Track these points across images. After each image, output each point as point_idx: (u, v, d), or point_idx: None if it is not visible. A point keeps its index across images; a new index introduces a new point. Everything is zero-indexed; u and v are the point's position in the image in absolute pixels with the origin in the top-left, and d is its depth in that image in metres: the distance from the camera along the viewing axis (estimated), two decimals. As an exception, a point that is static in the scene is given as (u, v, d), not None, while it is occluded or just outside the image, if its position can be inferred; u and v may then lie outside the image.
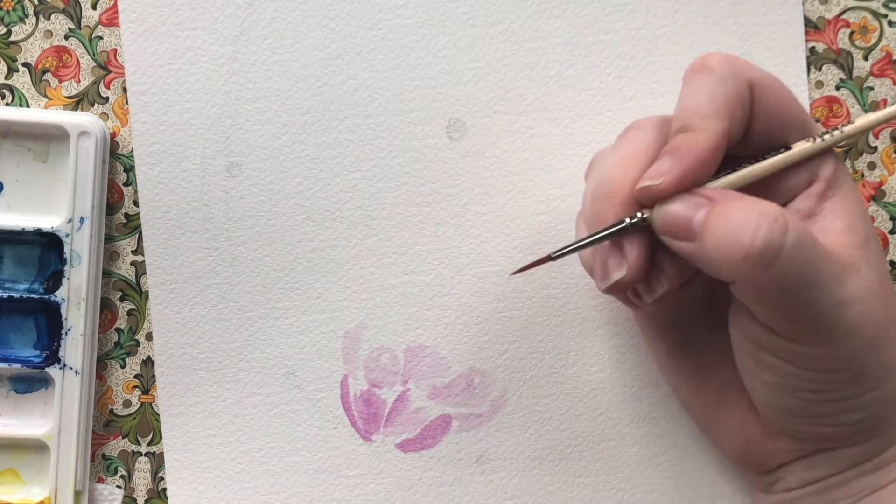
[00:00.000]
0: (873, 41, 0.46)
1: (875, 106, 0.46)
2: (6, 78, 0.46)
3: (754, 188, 0.36)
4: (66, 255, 0.45)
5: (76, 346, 0.45)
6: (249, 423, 0.46)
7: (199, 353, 0.46)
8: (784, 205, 0.37)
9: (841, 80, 0.46)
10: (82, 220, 0.45)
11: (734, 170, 0.37)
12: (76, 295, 0.45)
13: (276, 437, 0.46)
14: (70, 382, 0.45)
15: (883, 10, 0.46)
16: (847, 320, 0.35)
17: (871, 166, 0.46)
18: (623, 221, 0.36)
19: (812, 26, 0.46)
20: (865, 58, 0.46)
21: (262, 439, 0.46)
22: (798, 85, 0.46)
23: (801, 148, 0.37)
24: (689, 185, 0.35)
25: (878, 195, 0.46)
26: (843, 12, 0.46)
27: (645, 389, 0.46)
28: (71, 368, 0.45)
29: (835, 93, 0.46)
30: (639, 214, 0.36)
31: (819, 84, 0.46)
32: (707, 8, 0.46)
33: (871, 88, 0.46)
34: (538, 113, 0.46)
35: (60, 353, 0.45)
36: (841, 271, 0.35)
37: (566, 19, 0.46)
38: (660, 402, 0.46)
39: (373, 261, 0.46)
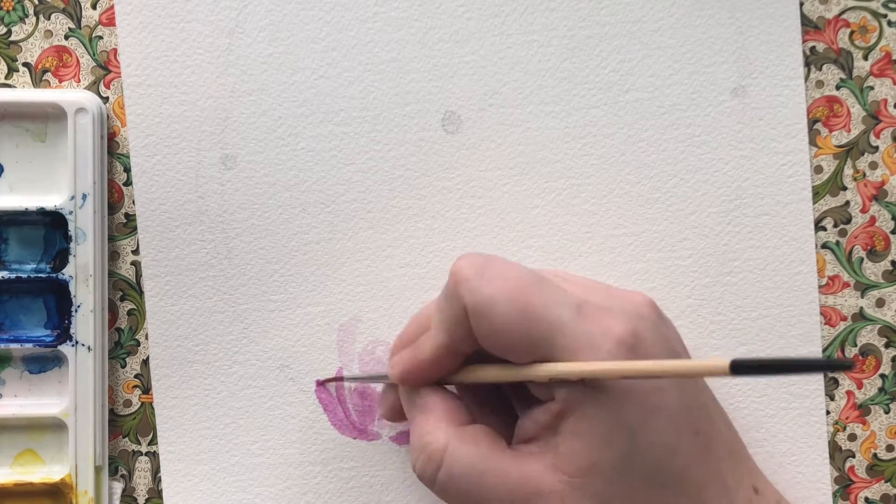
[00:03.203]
0: (873, 41, 0.46)
1: (875, 106, 0.46)
2: (6, 78, 0.46)
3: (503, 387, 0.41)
4: (71, 233, 0.45)
5: (87, 322, 0.45)
6: (244, 415, 0.46)
7: (194, 346, 0.46)
8: (532, 407, 0.38)
9: (841, 79, 0.46)
10: (84, 196, 0.45)
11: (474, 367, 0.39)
12: (84, 272, 0.45)
13: (270, 429, 0.46)
14: (83, 359, 0.45)
15: (882, 10, 0.46)
16: None
17: (873, 166, 0.46)
18: (386, 376, 0.42)
19: (812, 26, 0.46)
20: (865, 57, 0.46)
21: (257, 432, 0.46)
22: (794, 80, 0.46)
23: (509, 373, 0.38)
24: (411, 381, 0.40)
25: (879, 195, 0.46)
26: (842, 12, 0.46)
27: (640, 383, 0.46)
28: (83, 345, 0.45)
29: (835, 92, 0.46)
30: None
31: (819, 84, 0.46)
32: (703, 2, 0.45)
33: (872, 88, 0.46)
34: (534, 106, 0.46)
35: (72, 331, 0.45)
36: (515, 488, 0.37)
37: (562, 12, 0.46)
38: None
39: (368, 254, 0.46)
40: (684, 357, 0.39)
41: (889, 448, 0.46)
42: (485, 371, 0.39)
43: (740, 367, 0.31)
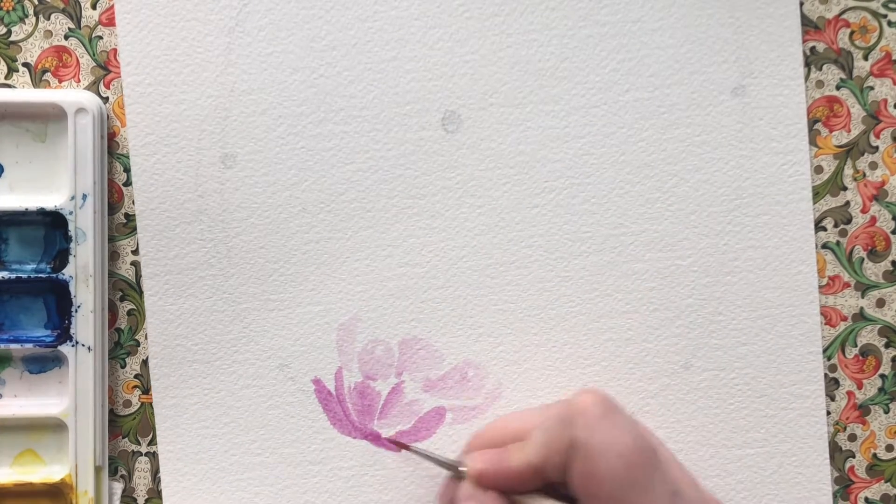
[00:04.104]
0: (873, 41, 0.46)
1: (875, 106, 0.46)
2: (6, 78, 0.47)
3: None
4: (71, 233, 0.45)
5: (87, 322, 0.45)
6: (243, 414, 0.46)
7: (194, 345, 0.46)
8: None
9: (841, 79, 0.46)
10: (85, 196, 0.45)
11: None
12: (84, 272, 0.45)
13: (270, 428, 0.46)
14: (83, 359, 0.45)
15: (882, 11, 0.46)
16: None
17: (873, 166, 0.46)
18: (459, 465, 0.41)
19: (812, 26, 0.46)
20: (865, 57, 0.46)
21: (256, 431, 0.46)
22: (794, 79, 0.46)
23: None
24: (487, 484, 0.40)
25: (879, 195, 0.46)
26: (843, 12, 0.46)
27: (638, 383, 0.46)
28: (83, 345, 0.45)
29: (835, 92, 0.46)
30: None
31: (819, 84, 0.46)
32: (703, 2, 0.46)
33: (872, 88, 0.46)
34: (533, 105, 0.46)
35: (72, 331, 0.45)
36: None
37: (562, 12, 0.46)
38: (653, 396, 0.46)
39: (368, 253, 0.46)
40: None
41: (889, 448, 0.46)
42: None
43: None
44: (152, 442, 0.47)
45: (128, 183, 0.46)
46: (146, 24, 0.46)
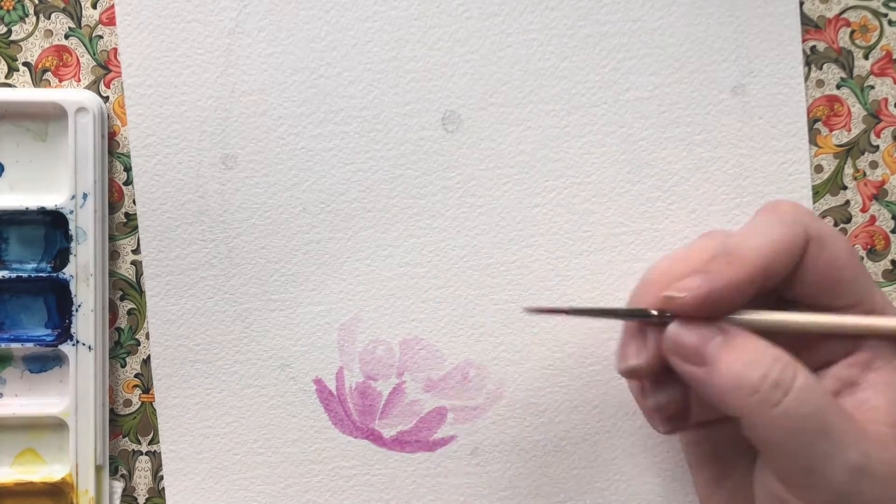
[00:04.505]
0: (874, 40, 0.46)
1: (876, 105, 0.46)
2: (6, 77, 0.46)
3: (787, 340, 0.36)
4: (72, 232, 0.45)
5: (87, 321, 0.45)
6: (245, 414, 0.46)
7: (195, 345, 0.46)
8: (821, 366, 0.36)
9: (842, 79, 0.46)
10: (85, 196, 0.45)
11: (772, 312, 0.36)
12: (84, 271, 0.45)
13: (271, 428, 0.46)
14: (84, 358, 0.45)
15: (883, 10, 0.46)
16: (858, 490, 0.33)
17: (873, 165, 0.46)
18: (646, 310, 0.36)
19: (812, 25, 0.46)
20: (866, 57, 0.46)
21: (258, 431, 0.46)
22: (794, 78, 0.46)
23: (838, 320, 0.36)
24: (710, 308, 0.35)
25: (879, 194, 0.46)
26: (843, 11, 0.46)
27: (640, 382, 0.46)
28: (84, 344, 0.45)
29: (835, 92, 0.46)
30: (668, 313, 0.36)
31: (820, 83, 0.46)
32: (703, 1, 0.45)
33: (872, 87, 0.46)
34: (534, 105, 0.46)
35: (72, 330, 0.45)
36: (861, 438, 0.33)
37: (562, 11, 0.46)
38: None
39: (368, 253, 0.46)
40: None
41: (889, 446, 0.46)
42: (797, 317, 0.36)
43: None
44: (153, 441, 0.47)
45: (128, 182, 0.46)
46: (146, 26, 0.46)
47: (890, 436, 0.34)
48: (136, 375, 0.47)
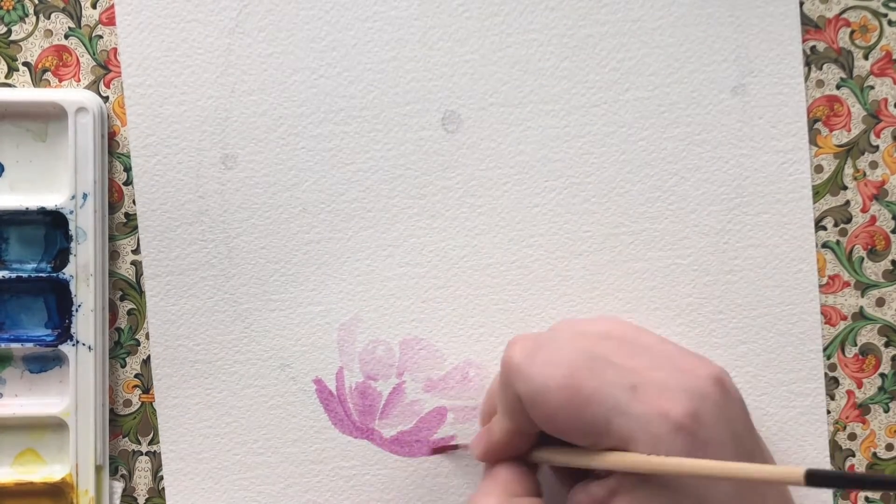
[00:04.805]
0: (873, 40, 0.46)
1: (876, 105, 0.46)
2: (6, 77, 0.47)
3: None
4: (72, 232, 0.45)
5: (87, 321, 0.45)
6: (245, 414, 0.46)
7: (195, 346, 0.46)
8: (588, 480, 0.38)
9: (841, 79, 0.46)
10: (85, 196, 0.45)
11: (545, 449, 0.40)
12: (84, 271, 0.45)
13: (271, 428, 0.46)
14: (84, 358, 0.45)
15: (883, 10, 0.46)
16: None
17: (873, 165, 0.46)
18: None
19: (812, 25, 0.46)
20: (866, 57, 0.46)
21: (258, 431, 0.46)
22: (794, 78, 0.46)
23: (574, 457, 0.38)
24: (491, 460, 0.41)
25: (879, 194, 0.46)
26: (843, 11, 0.46)
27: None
28: (84, 344, 0.45)
29: (835, 92, 0.46)
30: None
31: (820, 83, 0.46)
32: (703, 0, 0.45)
33: (872, 87, 0.46)
34: (533, 105, 0.46)
35: (72, 330, 0.45)
36: None
37: (561, 11, 0.46)
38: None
39: (368, 253, 0.46)
40: (747, 440, 0.38)
41: (889, 447, 0.46)
42: (551, 454, 0.40)
43: (816, 478, 0.30)
44: (153, 441, 0.47)
45: (128, 182, 0.46)
46: (146, 26, 0.46)
47: None
48: (136, 375, 0.47)
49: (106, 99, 0.46)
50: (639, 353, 0.38)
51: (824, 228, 0.46)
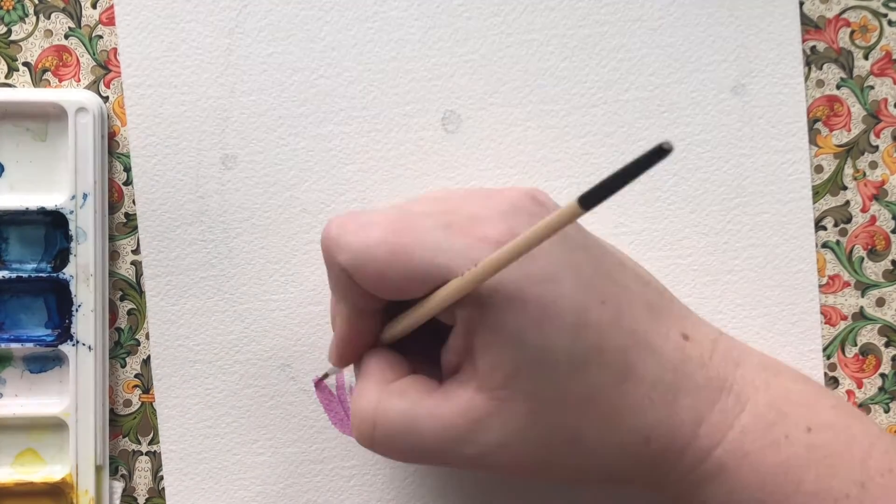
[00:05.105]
0: (873, 40, 0.46)
1: (876, 106, 0.46)
2: (6, 77, 0.47)
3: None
4: (72, 232, 0.45)
5: (87, 322, 0.45)
6: (245, 414, 0.46)
7: (195, 346, 0.46)
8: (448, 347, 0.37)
9: (841, 79, 0.46)
10: (85, 196, 0.45)
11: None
12: (84, 271, 0.45)
13: (271, 428, 0.46)
14: (84, 358, 0.45)
15: (883, 10, 0.46)
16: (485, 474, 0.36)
17: (873, 165, 0.46)
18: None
19: (812, 25, 0.46)
20: (866, 57, 0.46)
21: (258, 431, 0.46)
22: (794, 78, 0.46)
23: (413, 316, 0.37)
24: (349, 359, 0.39)
25: (879, 194, 0.46)
26: (843, 11, 0.46)
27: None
28: (84, 345, 0.45)
29: (835, 92, 0.46)
30: None
31: (820, 83, 0.46)
32: (703, 0, 0.45)
33: (872, 87, 0.46)
34: (533, 105, 0.46)
35: (72, 330, 0.45)
36: (465, 433, 0.35)
37: (561, 11, 0.46)
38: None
39: (368, 253, 0.46)
40: (577, 237, 0.37)
41: (889, 447, 0.46)
42: (395, 325, 0.38)
43: (589, 199, 0.29)
44: (153, 441, 0.47)
45: (128, 182, 0.46)
46: (146, 26, 0.46)
47: (497, 400, 0.35)
48: (136, 375, 0.47)
49: (106, 99, 0.46)
50: (449, 198, 0.38)
51: (824, 228, 0.46)
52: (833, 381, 0.46)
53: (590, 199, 0.29)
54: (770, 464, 0.36)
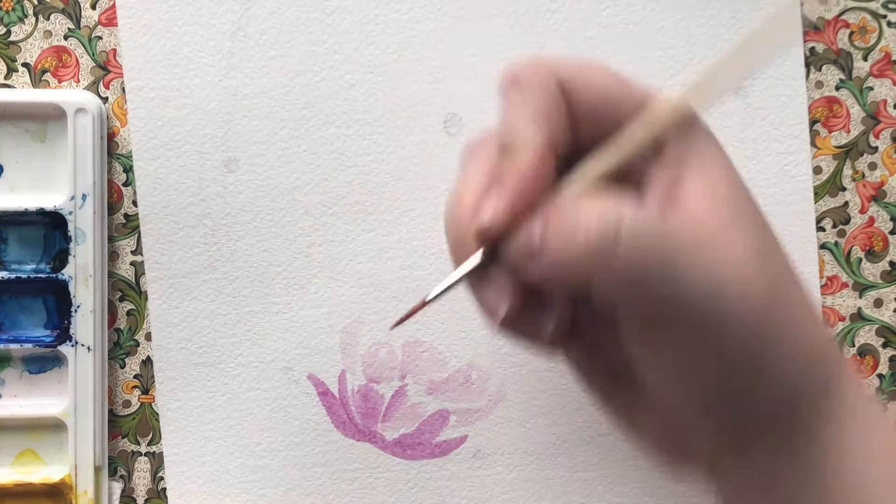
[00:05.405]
0: (872, 42, 0.46)
1: (875, 107, 0.46)
2: (6, 78, 0.46)
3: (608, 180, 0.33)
4: (71, 233, 0.45)
5: (87, 322, 0.45)
6: (248, 417, 0.46)
7: (198, 348, 0.46)
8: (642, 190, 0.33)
9: (841, 80, 0.46)
10: (84, 196, 0.45)
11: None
12: (83, 272, 0.45)
13: (274, 431, 0.46)
14: (83, 359, 0.45)
15: (882, 11, 0.46)
16: (719, 306, 0.30)
17: (872, 166, 0.46)
18: (479, 258, 0.33)
19: (812, 27, 0.46)
20: (865, 58, 0.46)
21: (261, 434, 0.46)
22: (795, 79, 0.46)
23: (619, 150, 0.32)
24: (523, 209, 0.31)
25: (878, 195, 0.46)
26: (842, 13, 0.46)
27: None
28: (83, 345, 0.45)
29: (835, 93, 0.46)
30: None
31: (819, 84, 0.46)
32: (704, 3, 0.45)
33: (871, 89, 0.46)
34: (536, 108, 0.46)
35: (71, 331, 0.45)
36: (699, 251, 0.30)
37: (564, 14, 0.46)
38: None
39: (370, 256, 0.46)
40: None
41: (887, 447, 0.46)
42: (594, 164, 0.32)
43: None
44: (152, 442, 0.47)
45: (127, 183, 0.46)
46: (148, 29, 0.45)
47: (724, 231, 0.31)
48: (136, 376, 0.47)
49: (105, 100, 0.46)
50: None
51: (823, 229, 0.46)
52: (832, 383, 0.46)
53: None
54: None
